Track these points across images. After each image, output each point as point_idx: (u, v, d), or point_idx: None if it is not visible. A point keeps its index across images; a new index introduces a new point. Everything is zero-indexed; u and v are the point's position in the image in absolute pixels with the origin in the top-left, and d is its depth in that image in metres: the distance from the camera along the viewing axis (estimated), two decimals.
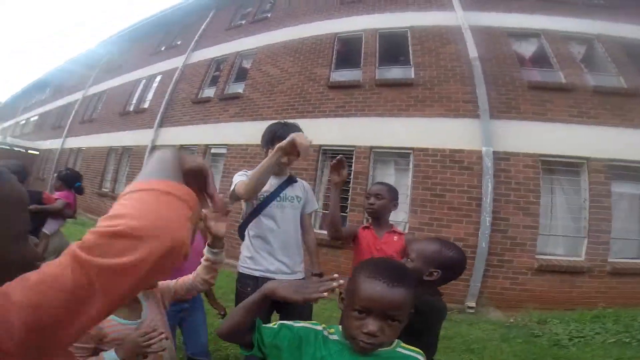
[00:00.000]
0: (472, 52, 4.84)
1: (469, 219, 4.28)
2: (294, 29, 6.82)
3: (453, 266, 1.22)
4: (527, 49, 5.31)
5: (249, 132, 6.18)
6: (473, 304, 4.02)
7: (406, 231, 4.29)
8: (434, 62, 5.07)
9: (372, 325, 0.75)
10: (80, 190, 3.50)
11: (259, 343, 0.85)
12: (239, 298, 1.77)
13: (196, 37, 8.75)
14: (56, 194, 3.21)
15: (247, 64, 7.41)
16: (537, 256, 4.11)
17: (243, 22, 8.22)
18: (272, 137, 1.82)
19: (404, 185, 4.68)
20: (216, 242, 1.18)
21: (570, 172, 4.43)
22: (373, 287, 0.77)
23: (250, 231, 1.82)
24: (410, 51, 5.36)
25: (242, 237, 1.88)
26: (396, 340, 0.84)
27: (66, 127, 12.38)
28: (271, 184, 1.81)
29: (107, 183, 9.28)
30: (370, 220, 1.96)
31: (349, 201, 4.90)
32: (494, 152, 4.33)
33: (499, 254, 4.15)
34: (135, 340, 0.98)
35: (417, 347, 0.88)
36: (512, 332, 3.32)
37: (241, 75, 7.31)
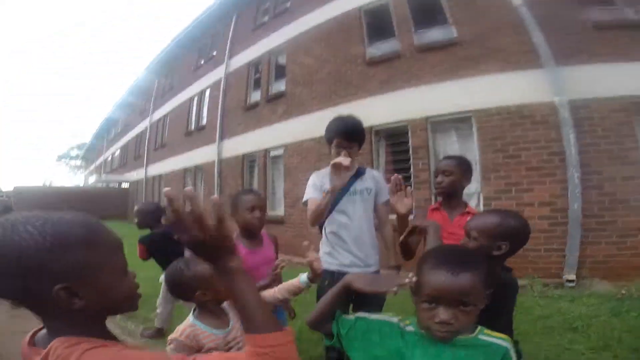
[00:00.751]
0: None
1: (554, 178, 3.91)
2: (316, 13, 6.67)
3: (518, 234, 1.19)
4: None
5: (299, 128, 6.47)
6: (573, 277, 3.62)
7: (481, 209, 4.17)
8: (476, 16, 4.59)
9: (443, 314, 0.77)
10: None
11: (338, 333, 0.95)
12: (318, 291, 1.82)
13: (228, 45, 9.17)
14: None
15: (282, 60, 7.57)
16: None
17: (266, 18, 8.28)
18: (330, 135, 1.88)
19: (471, 151, 4.49)
20: (316, 278, 1.33)
21: None
22: (437, 278, 0.79)
23: (326, 227, 1.90)
24: (447, 8, 4.92)
25: (320, 233, 2.00)
26: (479, 327, 0.84)
27: (145, 155, 14.31)
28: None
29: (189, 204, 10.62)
30: (440, 200, 1.86)
31: (411, 179, 4.93)
32: (570, 101, 3.85)
33: (597, 215, 3.67)
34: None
35: (495, 328, 0.87)
36: (625, 306, 2.92)
37: (280, 72, 7.50)
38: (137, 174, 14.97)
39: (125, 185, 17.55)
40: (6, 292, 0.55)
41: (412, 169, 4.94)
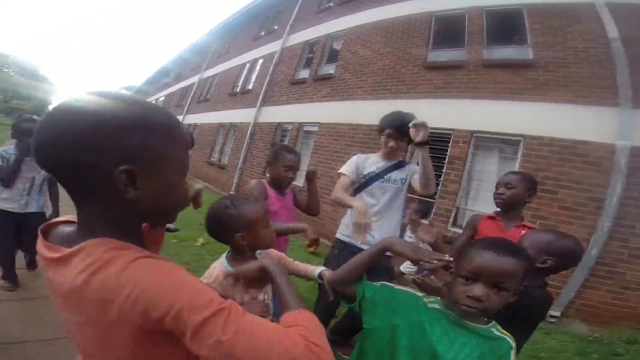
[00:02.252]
0: (612, 32, 3.57)
1: (583, 222, 3.33)
2: (383, 9, 6.01)
3: (568, 254, 1.14)
4: None
5: (339, 112, 5.94)
6: (557, 314, 3.27)
7: (537, 225, 3.67)
8: (560, 42, 3.89)
9: (477, 290, 0.72)
10: None
11: (360, 297, 0.84)
12: (328, 258, 1.87)
13: (290, 22, 8.53)
14: None
15: (337, 46, 6.95)
16: None
17: (331, 4, 7.64)
18: (384, 124, 1.83)
19: None
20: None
21: None
22: (482, 255, 0.75)
23: None
24: (528, 30, 4.20)
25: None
26: (493, 322, 0.79)
27: (186, 105, 13.86)
28: (378, 166, 1.82)
29: (215, 154, 10.11)
30: (498, 210, 1.71)
31: (439, 187, 4.36)
32: (632, 148, 3.21)
33: (609, 264, 3.23)
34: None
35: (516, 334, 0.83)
36: (591, 347, 2.73)
37: (333, 56, 6.90)
38: None
39: None
40: (66, 163, 0.42)
41: (442, 177, 4.35)
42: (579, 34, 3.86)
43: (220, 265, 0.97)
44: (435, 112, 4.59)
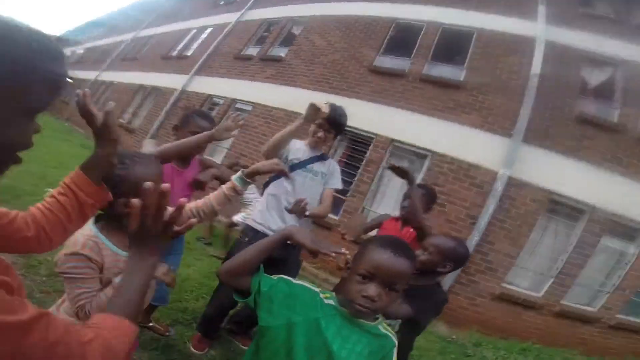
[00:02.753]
0: (536, 68, 4.13)
1: (459, 234, 3.75)
2: (350, 4, 6.18)
3: (462, 260, 1.34)
4: (597, 77, 4.40)
5: (279, 96, 5.72)
6: None
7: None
8: (490, 70, 4.39)
9: (372, 290, 0.74)
10: None
11: (256, 291, 0.80)
12: (236, 246, 1.81)
13: None
14: None
15: (296, 30, 6.84)
16: (502, 284, 3.83)
17: None
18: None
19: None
20: (253, 175, 1.12)
21: (571, 217, 3.89)
22: (381, 255, 0.76)
23: (270, 189, 1.83)
24: (470, 53, 4.67)
25: (262, 193, 1.95)
26: (380, 319, 0.83)
27: (107, 62, 11.86)
28: (304, 154, 1.82)
29: (126, 115, 8.96)
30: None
31: (352, 185, 4.43)
32: (510, 178, 3.82)
33: (470, 273, 3.81)
34: None
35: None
36: (450, 348, 3.20)
37: (288, 40, 6.78)
38: (87, 75, 12.17)
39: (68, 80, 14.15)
40: None
41: (356, 178, 4.48)
42: (508, 65, 4.36)
43: (86, 231, 0.84)
44: (364, 116, 4.70)
